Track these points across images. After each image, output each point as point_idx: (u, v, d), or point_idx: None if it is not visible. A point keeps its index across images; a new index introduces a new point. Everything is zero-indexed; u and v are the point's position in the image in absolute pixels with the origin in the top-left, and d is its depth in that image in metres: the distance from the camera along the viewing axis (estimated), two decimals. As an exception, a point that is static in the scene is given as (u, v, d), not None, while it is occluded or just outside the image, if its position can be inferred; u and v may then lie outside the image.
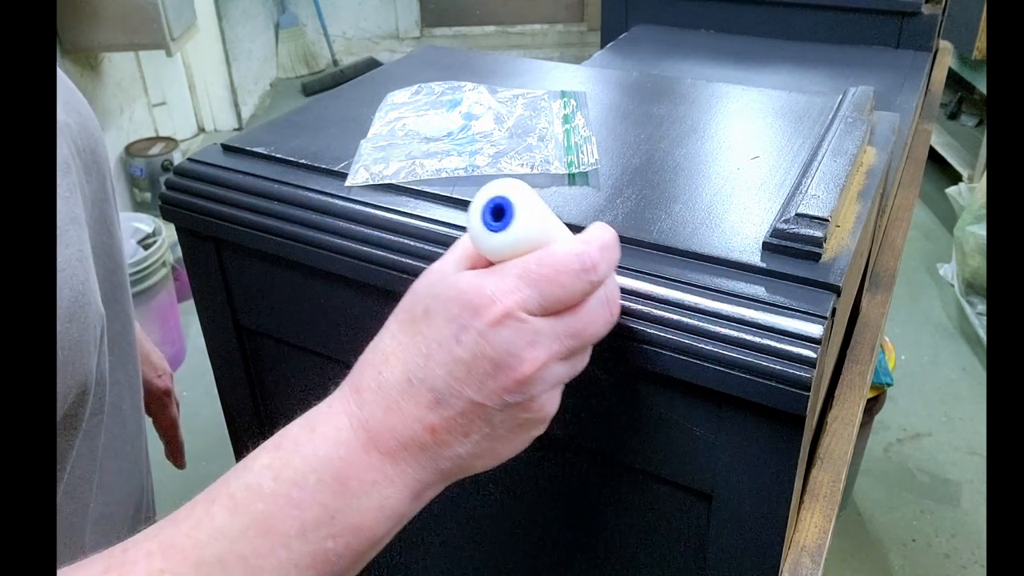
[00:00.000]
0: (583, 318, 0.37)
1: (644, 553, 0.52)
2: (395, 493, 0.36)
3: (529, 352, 0.35)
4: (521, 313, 0.35)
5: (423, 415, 0.36)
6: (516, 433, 0.38)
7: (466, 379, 0.35)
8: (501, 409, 0.36)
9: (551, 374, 0.36)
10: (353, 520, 0.35)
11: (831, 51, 1.01)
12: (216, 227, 0.55)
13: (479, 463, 0.38)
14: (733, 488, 0.45)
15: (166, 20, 2.23)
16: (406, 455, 0.36)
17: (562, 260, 0.36)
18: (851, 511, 1.71)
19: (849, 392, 0.61)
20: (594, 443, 0.49)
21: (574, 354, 0.38)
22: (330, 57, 4.31)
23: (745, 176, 0.52)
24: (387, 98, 0.65)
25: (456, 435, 0.36)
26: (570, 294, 0.36)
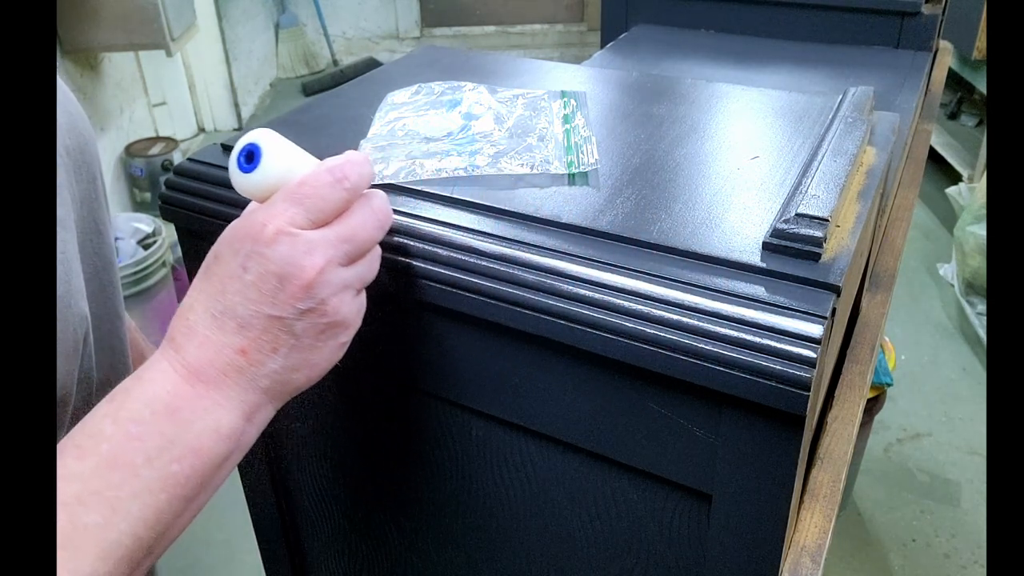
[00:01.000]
0: (350, 224, 0.41)
1: (644, 553, 0.52)
2: (225, 415, 0.40)
3: (307, 259, 0.39)
4: (292, 228, 0.40)
5: (232, 341, 0.40)
6: (322, 340, 0.42)
7: (259, 299, 0.39)
8: (298, 317, 0.40)
9: (335, 277, 0.41)
10: (192, 443, 0.39)
11: (831, 51, 1.01)
12: (216, 227, 0.55)
13: (298, 376, 0.42)
14: (733, 488, 0.45)
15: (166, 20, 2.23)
16: (227, 380, 0.40)
17: (316, 176, 0.41)
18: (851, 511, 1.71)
19: (849, 392, 0.61)
20: (593, 443, 0.49)
21: (352, 259, 0.42)
22: (330, 57, 4.31)
23: (745, 176, 0.52)
24: (387, 98, 0.65)
25: (266, 352, 0.40)
26: (331, 204, 0.41)
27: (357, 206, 0.42)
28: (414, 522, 0.64)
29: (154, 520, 0.38)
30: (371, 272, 0.44)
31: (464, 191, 0.51)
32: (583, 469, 0.52)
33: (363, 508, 0.67)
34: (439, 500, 0.61)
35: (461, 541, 0.62)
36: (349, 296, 0.42)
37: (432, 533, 0.63)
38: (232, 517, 1.71)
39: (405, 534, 0.65)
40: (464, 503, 0.59)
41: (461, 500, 0.59)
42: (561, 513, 0.55)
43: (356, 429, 0.62)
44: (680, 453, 0.46)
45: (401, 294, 0.50)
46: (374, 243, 0.44)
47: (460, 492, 0.59)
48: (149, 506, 0.37)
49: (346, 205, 0.42)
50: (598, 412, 0.48)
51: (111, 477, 0.37)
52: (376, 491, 0.65)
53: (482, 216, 0.49)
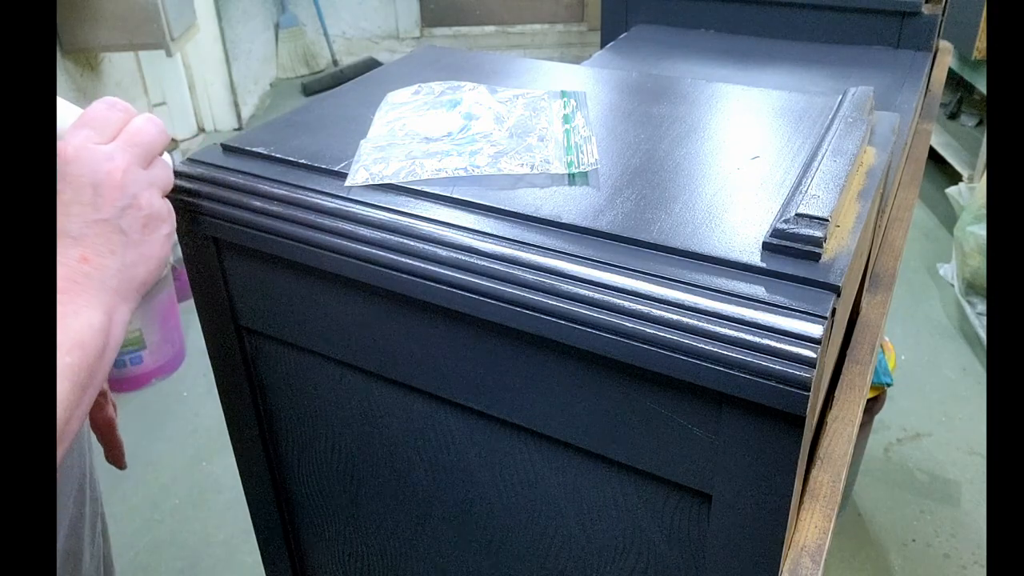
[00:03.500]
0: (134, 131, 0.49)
1: (644, 553, 0.52)
2: (92, 314, 0.45)
3: (111, 163, 0.47)
4: (88, 144, 0.47)
5: (72, 253, 0.46)
6: (147, 233, 0.49)
7: (82, 211, 0.46)
8: (120, 215, 0.47)
9: (140, 176, 0.48)
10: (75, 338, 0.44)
11: (831, 51, 1.01)
12: (216, 227, 0.55)
13: (139, 271, 0.48)
14: (733, 488, 0.45)
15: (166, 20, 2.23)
16: (80, 287, 0.46)
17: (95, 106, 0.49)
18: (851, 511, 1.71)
19: (849, 392, 0.61)
20: (594, 443, 0.49)
21: (147, 160, 0.50)
22: (330, 57, 4.31)
23: (745, 176, 0.52)
24: (387, 98, 0.64)
25: (104, 255, 0.46)
26: (112, 122, 0.49)
27: (135, 118, 0.50)
28: (414, 522, 0.64)
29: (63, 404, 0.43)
30: (168, 175, 0.52)
31: (464, 191, 0.51)
32: (583, 469, 0.52)
33: (363, 508, 0.67)
34: (439, 500, 0.61)
35: (461, 541, 0.62)
36: (157, 193, 0.50)
37: (432, 533, 0.63)
38: (232, 517, 1.71)
39: (405, 534, 0.65)
40: (464, 503, 0.59)
41: (461, 500, 0.59)
42: (561, 513, 0.55)
43: (356, 429, 0.62)
44: (680, 453, 0.46)
45: (401, 294, 0.50)
46: (160, 144, 0.51)
47: (460, 492, 0.59)
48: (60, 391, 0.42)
49: (124, 123, 0.49)
50: (598, 412, 0.48)
51: None
52: (376, 491, 0.65)
53: (482, 216, 0.49)
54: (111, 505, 1.57)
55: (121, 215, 0.47)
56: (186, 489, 1.75)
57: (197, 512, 1.70)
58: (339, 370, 0.60)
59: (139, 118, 0.50)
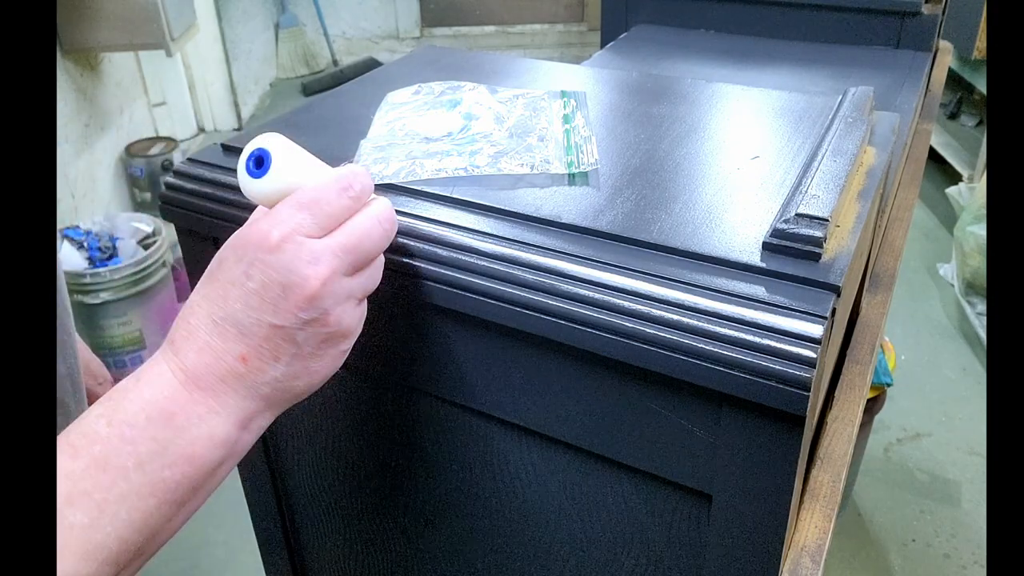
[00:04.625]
0: (355, 232, 0.41)
1: (644, 553, 0.52)
2: (221, 423, 0.40)
3: (311, 269, 0.39)
4: (297, 236, 0.40)
5: (232, 348, 0.40)
6: (323, 349, 0.42)
7: (261, 306, 0.39)
8: (301, 327, 0.40)
9: (339, 288, 0.41)
10: (185, 450, 0.39)
11: (831, 51, 1.01)
12: (216, 227, 0.55)
13: (298, 384, 0.42)
14: (733, 488, 0.45)
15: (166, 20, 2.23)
16: (224, 387, 0.40)
17: (322, 184, 0.41)
18: (851, 511, 1.71)
19: (849, 392, 0.61)
20: (594, 443, 0.49)
21: (357, 268, 0.42)
22: (330, 57, 4.31)
23: (745, 176, 0.52)
24: (387, 98, 0.64)
25: (266, 360, 0.40)
26: (337, 211, 0.41)
27: (362, 215, 0.42)
28: (414, 522, 0.64)
29: (141, 524, 0.38)
30: (374, 282, 0.44)
31: (464, 191, 0.51)
32: (583, 469, 0.52)
33: (363, 508, 0.67)
34: (439, 500, 0.61)
35: (461, 541, 0.62)
36: (352, 306, 0.42)
37: (432, 533, 0.63)
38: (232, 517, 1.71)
39: (405, 534, 0.65)
40: (464, 503, 0.59)
41: (461, 500, 0.59)
42: (561, 513, 0.55)
43: (356, 429, 0.62)
44: (680, 453, 0.46)
45: (401, 294, 0.50)
46: (379, 252, 0.44)
47: (460, 492, 0.59)
48: (137, 510, 0.37)
49: (351, 213, 0.42)
50: (598, 412, 0.48)
51: (101, 479, 0.37)
52: (376, 491, 0.65)
53: (482, 216, 0.49)
54: (111, 505, 1.57)
55: (301, 327, 0.40)
56: (186, 489, 1.75)
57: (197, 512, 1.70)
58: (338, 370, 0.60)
59: (367, 215, 0.42)
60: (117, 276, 1.93)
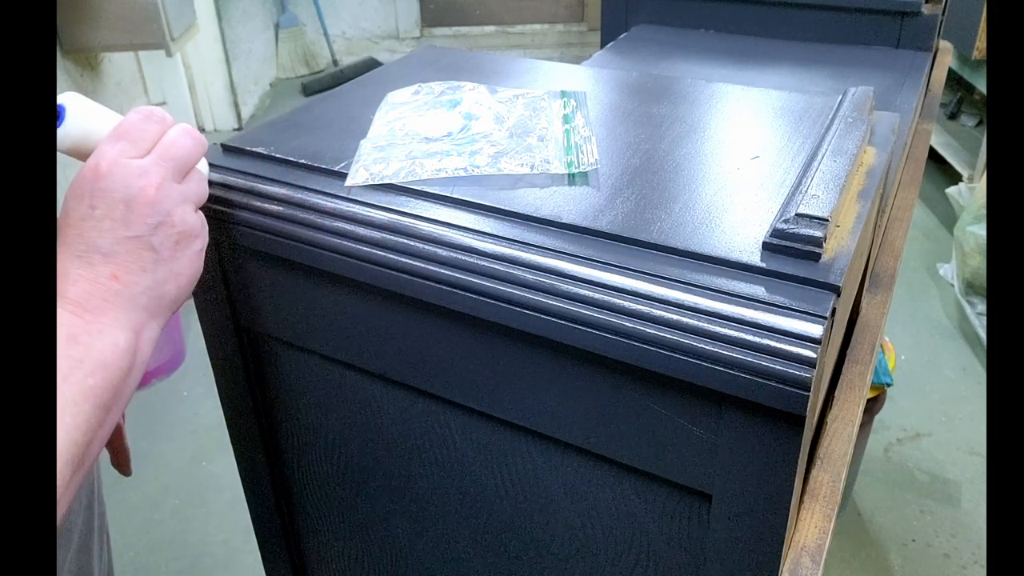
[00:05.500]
0: (170, 144, 0.48)
1: (644, 553, 0.52)
2: (119, 334, 0.44)
3: (144, 179, 0.45)
4: (122, 159, 0.45)
5: (102, 271, 0.44)
6: (179, 250, 0.47)
7: (113, 227, 0.44)
8: (152, 232, 0.45)
9: (173, 191, 0.47)
10: (98, 359, 0.43)
11: (831, 51, 1.01)
12: (216, 227, 0.55)
13: (169, 288, 0.47)
14: (733, 488, 0.45)
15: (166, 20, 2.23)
16: (108, 305, 0.44)
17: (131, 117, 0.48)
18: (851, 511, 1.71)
19: (849, 392, 0.61)
20: (594, 443, 0.49)
21: (181, 174, 0.48)
22: (330, 57, 4.31)
23: (745, 176, 0.52)
24: (387, 98, 0.64)
25: (134, 272, 0.45)
26: (148, 134, 0.47)
27: (171, 131, 0.49)
28: (414, 522, 0.64)
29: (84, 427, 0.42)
30: (203, 189, 0.50)
31: (464, 191, 0.51)
32: (583, 469, 0.52)
33: (363, 508, 0.67)
34: (439, 500, 0.61)
35: (461, 541, 0.62)
36: (190, 209, 0.48)
37: (432, 533, 0.63)
38: (232, 517, 1.71)
39: (405, 534, 0.65)
40: (464, 503, 0.59)
41: (461, 500, 0.59)
42: (561, 513, 0.55)
43: (356, 430, 0.62)
44: (680, 453, 0.46)
45: (401, 294, 0.50)
46: (195, 157, 0.49)
47: (460, 492, 0.59)
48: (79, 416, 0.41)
49: (160, 135, 0.48)
50: (598, 412, 0.48)
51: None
52: (376, 491, 0.65)
53: (482, 216, 0.49)
54: (111, 505, 1.57)
55: (153, 232, 0.45)
56: (186, 489, 1.75)
57: (197, 512, 1.70)
58: (339, 370, 0.60)
59: (174, 130, 0.49)
60: (117, 276, 1.92)
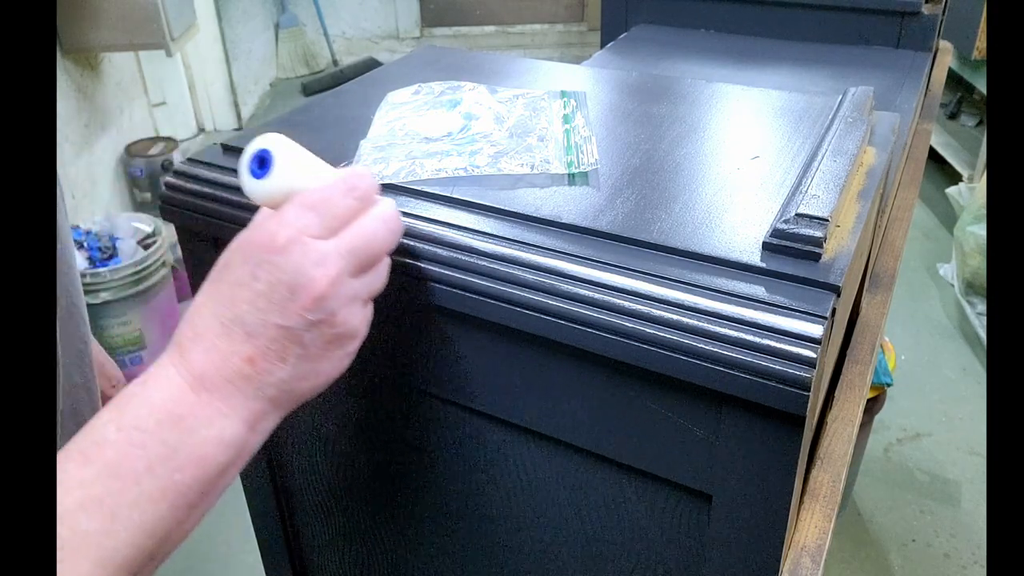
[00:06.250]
0: (361, 233, 0.41)
1: (644, 553, 0.52)
2: (229, 424, 0.39)
3: (318, 270, 0.39)
4: (303, 237, 0.39)
5: (239, 349, 0.39)
6: (329, 350, 0.41)
7: (268, 308, 0.39)
8: (307, 328, 0.39)
9: (346, 289, 0.40)
10: (195, 452, 0.38)
11: (831, 51, 1.01)
12: (216, 227, 0.55)
13: (304, 385, 0.41)
14: (733, 488, 0.45)
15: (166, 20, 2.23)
16: (232, 388, 0.39)
17: (327, 185, 0.41)
18: (851, 511, 1.71)
19: (849, 392, 0.61)
20: (594, 443, 0.49)
21: (363, 269, 0.42)
22: (330, 57, 4.31)
23: (745, 176, 0.52)
24: (387, 98, 0.65)
25: (273, 361, 0.40)
26: (342, 211, 0.41)
27: (368, 216, 0.42)
28: (414, 522, 0.64)
29: (153, 528, 0.37)
30: (380, 283, 0.44)
31: (464, 191, 0.51)
32: (583, 469, 0.52)
33: (363, 508, 0.67)
34: (439, 500, 0.61)
35: (461, 541, 0.62)
36: (358, 307, 0.42)
37: (432, 533, 0.63)
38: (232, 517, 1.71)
39: (405, 534, 0.65)
40: (464, 503, 0.59)
41: (461, 500, 0.59)
42: (561, 513, 0.55)
43: (356, 429, 0.62)
44: (680, 453, 0.46)
45: (401, 294, 0.50)
46: (385, 253, 0.43)
47: (460, 492, 0.59)
48: (149, 514, 0.37)
49: (357, 214, 0.41)
50: (598, 412, 0.48)
51: (112, 485, 0.37)
52: (376, 491, 0.65)
53: (482, 216, 0.49)
54: (111, 505, 1.57)
55: (308, 328, 0.39)
56: (186, 489, 1.75)
57: (197, 512, 1.70)
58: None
59: (373, 216, 0.42)
60: (117, 276, 1.93)
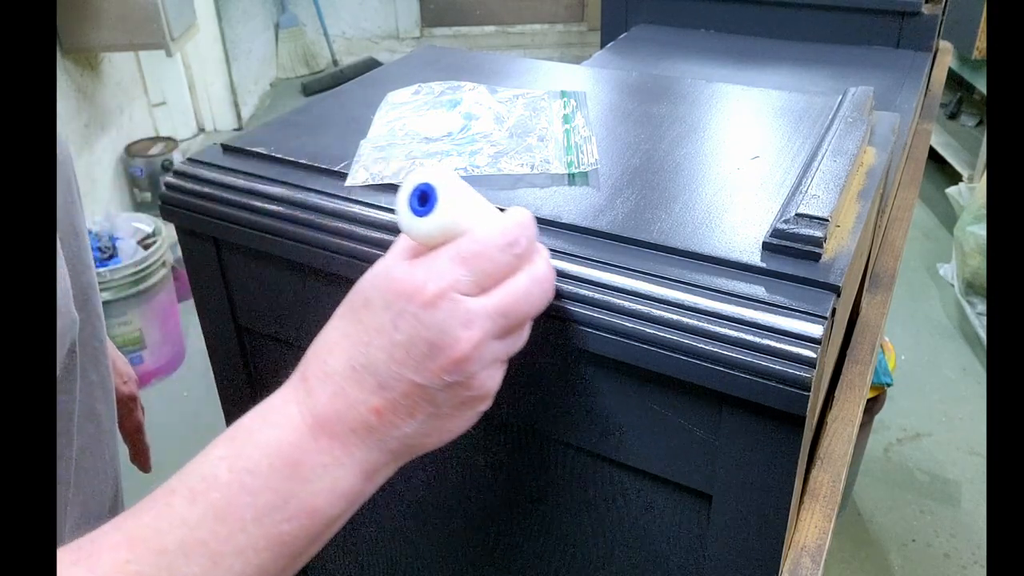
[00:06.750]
0: (514, 294, 0.38)
1: (644, 553, 0.52)
2: (346, 475, 0.38)
3: (464, 332, 0.36)
4: (453, 294, 0.36)
5: (367, 398, 0.37)
6: (460, 410, 0.39)
7: (406, 362, 0.36)
8: (442, 389, 0.37)
9: (488, 352, 0.38)
10: (306, 502, 0.36)
11: (831, 51, 1.01)
12: (216, 227, 0.55)
13: (428, 441, 0.39)
14: (733, 488, 0.45)
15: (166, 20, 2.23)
16: (354, 438, 0.37)
17: (487, 237, 0.37)
18: (851, 511, 1.71)
19: (849, 392, 0.61)
20: (594, 444, 0.49)
21: (510, 332, 0.39)
22: (330, 57, 4.31)
23: (745, 176, 0.52)
24: (387, 98, 0.65)
25: (401, 416, 0.37)
26: (498, 268, 0.37)
27: (523, 274, 0.38)
28: (414, 522, 0.64)
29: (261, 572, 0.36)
30: (521, 344, 0.40)
31: (464, 191, 0.51)
32: (583, 469, 0.52)
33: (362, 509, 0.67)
34: (439, 500, 0.61)
35: (461, 541, 0.62)
36: (496, 369, 0.39)
37: (432, 533, 0.63)
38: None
39: (405, 534, 0.65)
40: (462, 503, 0.59)
41: (459, 500, 0.59)
42: (561, 513, 0.55)
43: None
44: (680, 453, 0.46)
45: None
46: (534, 316, 0.40)
47: (459, 492, 0.59)
48: (252, 564, 0.36)
49: (512, 271, 0.38)
50: (598, 412, 0.48)
51: (218, 530, 0.35)
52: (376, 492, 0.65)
53: (482, 216, 0.49)
54: (111, 505, 1.57)
55: (443, 388, 0.37)
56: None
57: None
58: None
59: (528, 276, 0.38)
60: (117, 276, 1.93)
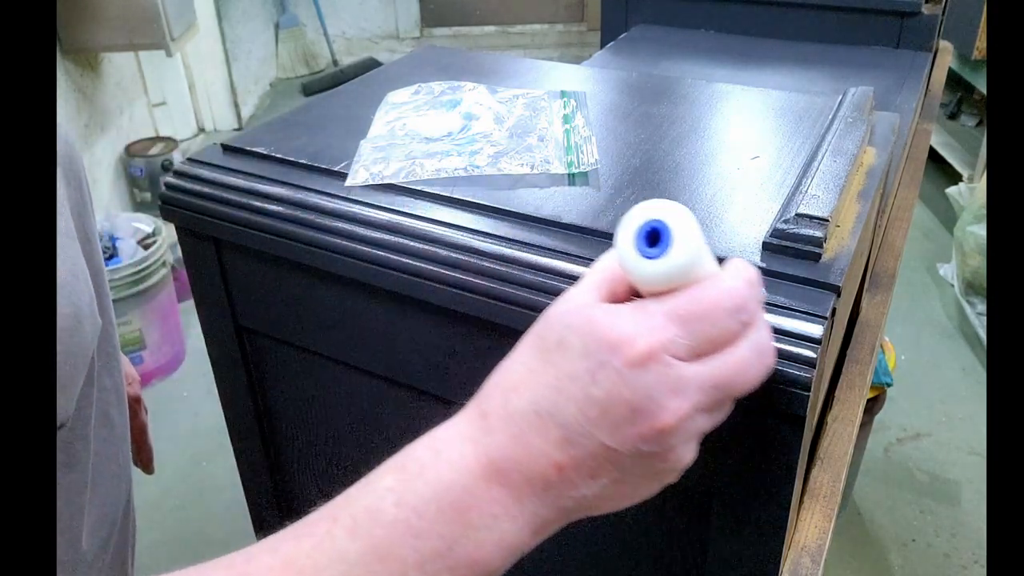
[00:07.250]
0: (733, 366, 0.33)
1: (644, 553, 0.52)
2: (515, 528, 0.34)
3: (672, 401, 0.32)
4: (666, 356, 0.32)
5: (550, 452, 0.33)
6: (647, 480, 0.35)
7: (599, 420, 0.33)
8: (634, 456, 0.33)
9: (693, 425, 0.33)
10: (471, 553, 0.34)
11: (831, 51, 1.01)
12: (216, 227, 0.55)
13: (604, 505, 0.36)
14: (733, 488, 0.45)
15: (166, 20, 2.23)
16: (529, 491, 0.34)
17: (713, 298, 0.33)
18: (851, 511, 1.71)
19: (849, 392, 0.61)
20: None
21: (719, 406, 0.34)
22: (330, 57, 4.31)
23: (745, 176, 0.52)
24: (387, 98, 0.64)
25: (583, 476, 0.34)
26: (720, 334, 0.33)
27: (744, 343, 0.34)
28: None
29: None
30: (723, 417, 0.36)
31: (464, 191, 0.51)
32: (583, 469, 0.52)
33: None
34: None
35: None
36: (694, 443, 0.35)
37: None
38: (232, 517, 1.71)
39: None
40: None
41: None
42: (561, 513, 0.55)
43: (356, 429, 0.62)
44: (680, 453, 0.46)
45: (401, 294, 0.50)
46: (748, 391, 0.35)
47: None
48: None
49: (734, 339, 0.33)
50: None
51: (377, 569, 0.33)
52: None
53: (482, 216, 0.49)
54: (111, 505, 1.57)
55: (635, 455, 0.33)
56: (186, 489, 1.75)
57: (197, 512, 1.70)
58: (339, 370, 0.60)
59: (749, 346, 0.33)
60: (117, 276, 1.93)
